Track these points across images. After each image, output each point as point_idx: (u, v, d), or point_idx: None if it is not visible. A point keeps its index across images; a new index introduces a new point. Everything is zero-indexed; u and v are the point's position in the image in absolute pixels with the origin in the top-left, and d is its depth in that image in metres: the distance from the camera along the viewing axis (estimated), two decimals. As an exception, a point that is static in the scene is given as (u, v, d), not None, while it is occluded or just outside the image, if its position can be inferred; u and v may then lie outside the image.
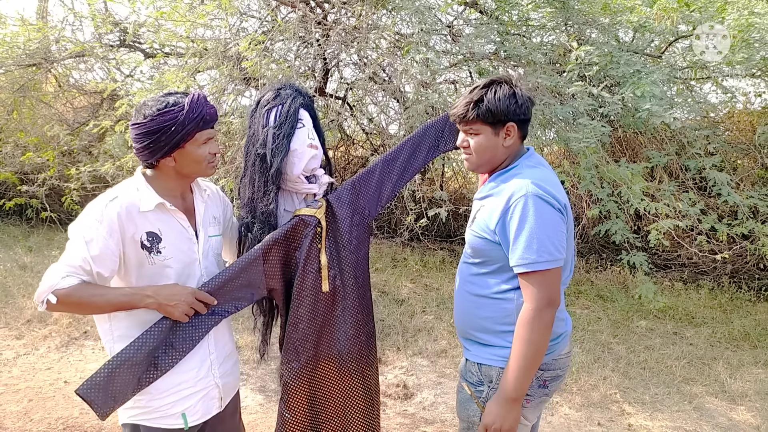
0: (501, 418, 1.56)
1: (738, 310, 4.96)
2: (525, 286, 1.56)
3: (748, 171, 5.36)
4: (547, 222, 1.54)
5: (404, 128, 4.25)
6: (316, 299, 1.79)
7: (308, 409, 1.83)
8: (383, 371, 3.79)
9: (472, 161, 1.72)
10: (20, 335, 4.09)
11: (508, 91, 1.63)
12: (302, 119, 1.77)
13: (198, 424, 1.70)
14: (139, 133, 1.56)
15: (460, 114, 1.66)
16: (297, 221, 1.77)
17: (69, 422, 3.06)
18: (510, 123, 1.64)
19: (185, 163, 1.62)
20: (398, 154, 1.97)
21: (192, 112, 1.56)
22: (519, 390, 1.55)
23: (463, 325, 1.77)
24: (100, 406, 1.49)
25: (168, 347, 1.57)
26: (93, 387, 1.48)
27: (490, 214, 1.64)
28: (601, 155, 3.66)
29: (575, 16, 4.05)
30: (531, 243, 1.52)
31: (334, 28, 4.16)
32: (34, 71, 5.49)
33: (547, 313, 1.53)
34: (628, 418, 3.32)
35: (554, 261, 1.54)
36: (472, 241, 1.71)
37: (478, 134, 1.67)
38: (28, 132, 5.91)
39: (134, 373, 1.53)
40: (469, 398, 1.71)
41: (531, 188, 1.55)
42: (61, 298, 1.44)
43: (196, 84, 4.17)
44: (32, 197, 5.40)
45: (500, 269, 1.65)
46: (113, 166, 4.31)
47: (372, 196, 1.93)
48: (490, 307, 1.68)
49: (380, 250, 6.02)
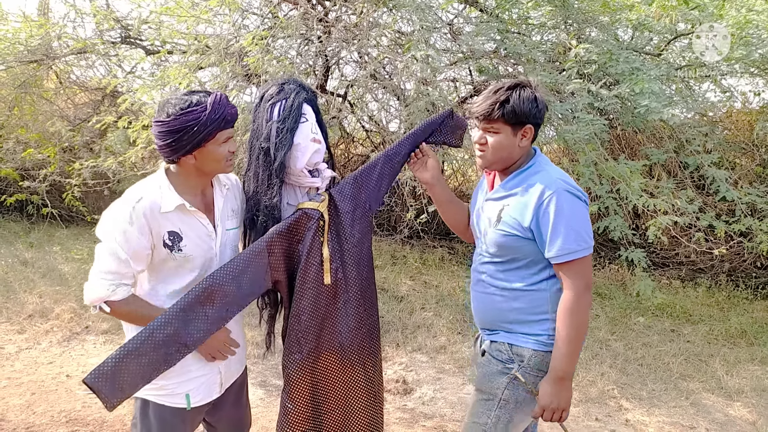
0: (557, 397, 1.67)
1: (735, 308, 4.99)
2: (565, 275, 1.67)
3: (746, 169, 5.38)
4: (579, 214, 1.67)
5: (404, 126, 4.27)
6: (318, 292, 1.82)
7: (310, 400, 1.86)
8: (383, 367, 3.81)
9: (487, 158, 1.77)
10: (22, 330, 4.12)
11: (531, 95, 1.71)
12: (305, 114, 1.79)
13: (198, 405, 1.77)
14: (162, 131, 1.60)
15: (485, 112, 1.71)
16: (300, 214, 1.79)
17: (72, 415, 3.08)
18: (528, 125, 1.73)
19: (205, 162, 1.66)
20: (399, 149, 1.99)
21: (214, 112, 1.59)
22: (568, 370, 1.66)
23: (492, 320, 1.84)
24: (107, 396, 1.51)
25: (181, 346, 1.60)
26: (100, 376, 1.50)
27: (521, 211, 1.70)
28: (599, 152, 3.68)
29: (575, 15, 4.07)
30: (569, 234, 1.63)
31: (335, 25, 4.18)
32: (36, 68, 5.50)
33: (586, 297, 1.66)
34: (625, 414, 3.35)
35: (588, 248, 1.67)
36: (500, 240, 1.75)
37: (498, 133, 1.72)
38: (29, 128, 5.92)
39: (142, 364, 1.55)
40: (497, 372, 1.78)
41: (561, 184, 1.67)
42: (114, 309, 1.60)
43: (198, 81, 4.19)
44: (33, 193, 5.42)
45: (531, 263, 1.74)
46: (115, 162, 4.33)
47: (373, 190, 1.95)
48: (523, 298, 1.76)
49: (380, 248, 6.04)
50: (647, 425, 3.23)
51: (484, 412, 1.78)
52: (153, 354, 1.55)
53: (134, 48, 5.48)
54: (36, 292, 4.59)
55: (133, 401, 1.75)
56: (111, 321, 4.26)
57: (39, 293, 4.58)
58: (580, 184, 3.67)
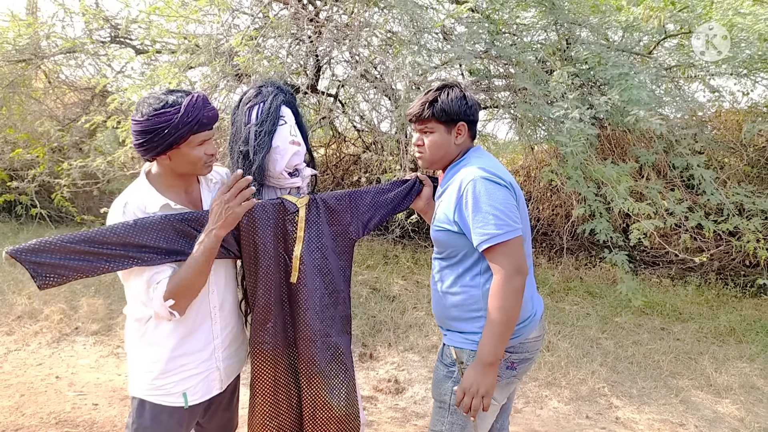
0: (477, 382, 1.65)
1: (724, 306, 5.04)
2: (492, 260, 1.67)
3: (735, 169, 5.43)
4: (497, 198, 1.67)
5: (395, 126, 4.28)
6: (281, 287, 1.81)
7: (272, 394, 1.83)
8: (375, 366, 3.82)
9: (426, 158, 1.85)
10: (11, 331, 4.08)
11: (459, 94, 1.80)
12: (284, 116, 1.79)
13: (198, 403, 1.76)
14: (135, 130, 1.60)
15: (416, 113, 1.80)
16: (279, 202, 1.80)
17: (61, 417, 3.06)
18: (461, 122, 1.80)
19: (180, 163, 1.65)
20: (393, 187, 2.02)
21: (187, 115, 1.57)
22: (494, 355, 1.64)
23: (439, 315, 1.88)
24: (38, 274, 1.49)
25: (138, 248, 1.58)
26: (27, 251, 1.49)
27: (447, 205, 1.76)
28: (587, 155, 3.71)
29: (564, 16, 4.09)
30: (488, 219, 1.64)
31: (326, 25, 4.17)
32: (24, 67, 5.44)
33: (516, 280, 1.64)
34: (615, 411, 3.37)
35: (513, 231, 1.66)
36: (436, 236, 1.82)
37: (433, 132, 1.81)
38: (18, 128, 5.87)
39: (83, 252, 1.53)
40: (443, 378, 1.80)
41: (477, 173, 1.70)
42: (173, 298, 1.57)
43: (188, 80, 4.17)
44: (22, 194, 5.38)
45: (464, 257, 1.76)
46: (104, 161, 4.30)
47: (360, 215, 1.94)
48: (458, 295, 1.78)
49: (372, 248, 6.05)
50: (637, 423, 3.26)
51: (438, 419, 1.80)
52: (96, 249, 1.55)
53: (124, 47, 5.44)
54: (25, 293, 4.55)
55: (128, 402, 1.74)
56: (101, 322, 4.23)
57: (28, 294, 4.54)
58: (568, 186, 3.69)
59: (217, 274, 1.74)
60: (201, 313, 1.73)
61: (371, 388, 3.53)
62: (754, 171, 5.46)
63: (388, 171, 4.17)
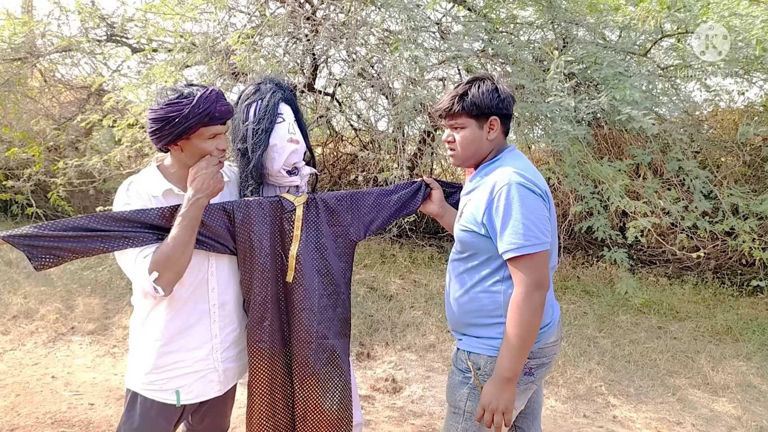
0: (497, 398, 1.60)
1: (721, 305, 5.05)
2: (514, 271, 1.60)
3: (731, 169, 5.44)
4: (531, 207, 1.59)
5: (393, 124, 4.27)
6: (277, 285, 1.80)
7: (269, 394, 1.82)
8: (372, 366, 3.82)
9: (458, 155, 1.76)
10: (6, 331, 4.06)
11: (491, 86, 1.69)
12: (282, 114, 1.77)
13: (192, 403, 1.74)
14: (150, 118, 1.63)
15: (446, 107, 1.71)
16: (277, 200, 1.79)
17: (57, 416, 3.05)
18: (493, 117, 1.70)
19: (190, 155, 1.66)
20: (397, 189, 1.98)
21: (198, 107, 1.58)
22: (512, 370, 1.59)
23: (455, 320, 1.81)
24: (34, 256, 1.52)
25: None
26: (22, 235, 1.51)
27: (476, 206, 1.68)
28: (584, 153, 3.71)
29: (561, 15, 4.10)
30: (518, 228, 1.57)
31: (323, 23, 4.17)
32: (20, 66, 5.43)
33: (538, 295, 1.58)
34: (613, 410, 3.37)
35: (541, 244, 1.58)
36: (460, 236, 1.74)
37: (464, 128, 1.72)
38: (14, 127, 5.85)
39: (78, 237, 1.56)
40: (458, 383, 1.75)
41: (513, 177, 1.61)
42: (157, 270, 1.54)
43: (184, 79, 4.16)
44: (18, 193, 5.35)
45: (488, 261, 1.69)
46: (100, 160, 4.28)
47: (362, 216, 1.92)
48: (479, 300, 1.71)
49: (369, 247, 6.04)
50: (634, 421, 3.26)
51: (452, 425, 1.76)
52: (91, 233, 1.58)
53: (120, 46, 5.42)
54: (20, 292, 4.53)
55: (122, 402, 1.74)
56: (97, 322, 4.21)
57: (24, 294, 4.52)
58: (566, 184, 3.69)
59: (219, 272, 1.73)
60: (198, 309, 1.71)
61: (368, 387, 3.53)
62: (750, 171, 5.47)
63: (386, 170, 4.16)
